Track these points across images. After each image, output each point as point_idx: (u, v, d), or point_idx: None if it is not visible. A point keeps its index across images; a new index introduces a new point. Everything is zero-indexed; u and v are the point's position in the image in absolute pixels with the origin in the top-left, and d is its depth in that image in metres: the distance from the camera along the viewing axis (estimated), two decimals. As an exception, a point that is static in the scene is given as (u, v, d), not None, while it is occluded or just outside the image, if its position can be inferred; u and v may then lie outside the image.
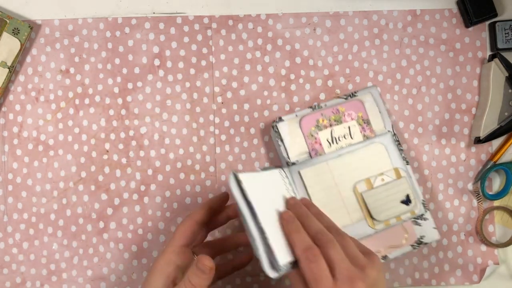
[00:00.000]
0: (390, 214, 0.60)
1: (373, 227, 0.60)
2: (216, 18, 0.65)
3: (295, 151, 0.62)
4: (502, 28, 0.64)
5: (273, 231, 0.50)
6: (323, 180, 0.60)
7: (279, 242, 0.50)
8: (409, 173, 0.62)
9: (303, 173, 0.60)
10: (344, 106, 0.63)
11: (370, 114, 0.63)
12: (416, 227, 0.61)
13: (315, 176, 0.60)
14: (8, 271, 0.64)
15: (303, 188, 0.60)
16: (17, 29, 0.62)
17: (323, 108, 0.63)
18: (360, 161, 0.61)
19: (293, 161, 0.61)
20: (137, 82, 0.65)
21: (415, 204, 0.60)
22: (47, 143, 0.64)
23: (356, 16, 0.66)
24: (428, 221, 0.61)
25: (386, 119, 0.63)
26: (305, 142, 0.62)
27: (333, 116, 0.62)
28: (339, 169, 0.61)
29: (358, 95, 0.63)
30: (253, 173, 0.53)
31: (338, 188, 0.60)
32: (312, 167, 0.60)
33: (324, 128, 0.62)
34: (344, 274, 0.47)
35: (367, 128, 0.62)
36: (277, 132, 0.62)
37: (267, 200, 0.53)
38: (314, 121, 0.62)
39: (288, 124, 0.62)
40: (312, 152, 0.62)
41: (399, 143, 0.62)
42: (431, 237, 0.61)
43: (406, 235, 0.61)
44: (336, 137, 0.62)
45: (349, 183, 0.60)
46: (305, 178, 0.60)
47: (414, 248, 0.61)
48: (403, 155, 0.62)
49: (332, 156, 0.61)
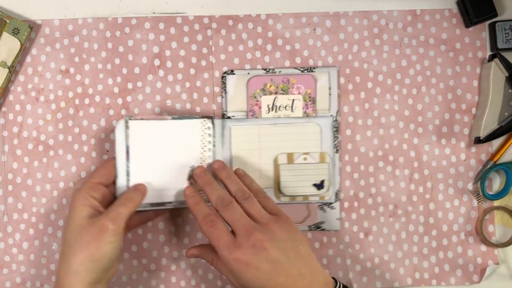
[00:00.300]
0: (297, 192, 0.63)
1: (278, 198, 0.63)
2: (216, 18, 0.65)
3: (234, 107, 0.63)
4: (502, 28, 0.64)
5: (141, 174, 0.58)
6: (250, 141, 0.63)
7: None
8: (334, 161, 0.63)
9: (233, 130, 0.62)
10: (296, 78, 0.64)
11: (319, 93, 0.64)
12: (320, 212, 0.63)
13: (243, 136, 0.63)
14: (8, 271, 0.64)
15: (228, 143, 0.62)
16: (17, 29, 0.62)
17: (276, 74, 0.63)
18: (291, 135, 0.63)
19: (229, 115, 0.63)
20: (137, 82, 0.65)
21: (327, 190, 0.62)
22: (47, 143, 0.64)
23: (356, 16, 0.66)
24: (334, 211, 0.63)
25: (333, 102, 0.64)
26: (246, 101, 0.63)
27: (281, 85, 0.63)
28: (269, 136, 0.63)
29: (315, 71, 0.64)
30: (151, 122, 0.59)
31: (260, 153, 0.63)
32: (244, 126, 0.63)
33: (269, 94, 0.63)
34: (242, 229, 0.52)
35: (311, 106, 0.63)
36: (223, 84, 0.63)
37: (158, 148, 0.59)
38: (262, 84, 0.63)
39: (237, 78, 0.63)
40: (249, 112, 0.63)
41: (336, 131, 0.63)
42: (330, 226, 0.64)
43: (306, 215, 0.63)
44: (277, 105, 0.63)
45: (272, 151, 0.63)
46: (233, 136, 0.62)
47: (310, 229, 0.63)
48: (336, 143, 0.63)
49: (267, 122, 0.63)
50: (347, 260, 0.64)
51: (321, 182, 0.63)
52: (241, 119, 0.63)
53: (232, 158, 0.63)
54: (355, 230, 0.65)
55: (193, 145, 0.61)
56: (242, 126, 0.63)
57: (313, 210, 0.63)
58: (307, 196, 0.63)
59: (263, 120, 0.63)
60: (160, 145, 0.60)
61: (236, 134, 0.63)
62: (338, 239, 0.64)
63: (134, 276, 0.64)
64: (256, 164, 0.63)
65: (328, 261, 0.64)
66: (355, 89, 0.65)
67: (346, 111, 0.65)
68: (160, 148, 0.60)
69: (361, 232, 0.65)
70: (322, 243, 0.64)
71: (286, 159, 0.63)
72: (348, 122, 0.65)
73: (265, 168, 0.63)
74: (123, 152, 0.58)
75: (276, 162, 0.63)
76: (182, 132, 0.60)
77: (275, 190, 0.63)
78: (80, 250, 0.52)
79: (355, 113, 0.65)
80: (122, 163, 0.58)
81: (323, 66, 0.64)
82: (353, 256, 0.64)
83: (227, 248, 0.52)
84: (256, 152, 0.63)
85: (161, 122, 0.60)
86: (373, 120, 0.65)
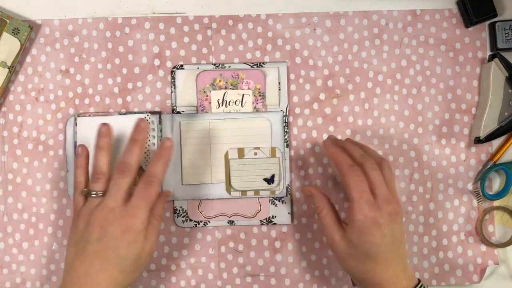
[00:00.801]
0: (248, 186, 0.63)
1: (229, 193, 0.64)
2: (216, 18, 0.65)
3: (184, 102, 0.64)
4: (502, 28, 0.64)
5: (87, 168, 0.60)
6: (199, 136, 0.63)
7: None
8: (284, 155, 0.64)
9: (183, 125, 0.63)
10: (246, 73, 0.64)
11: (269, 88, 0.64)
12: (272, 206, 0.64)
13: (193, 131, 0.63)
14: (8, 271, 0.64)
15: (178, 138, 0.63)
16: (17, 29, 0.62)
17: (225, 68, 0.64)
18: (241, 130, 0.63)
19: (178, 110, 0.63)
20: (137, 82, 0.65)
21: (277, 185, 0.63)
22: (47, 143, 0.64)
23: (356, 16, 0.66)
24: (286, 205, 0.64)
25: (283, 97, 0.64)
26: (195, 96, 0.63)
27: (231, 80, 0.64)
28: (219, 131, 0.63)
29: (265, 66, 0.64)
30: (97, 118, 0.62)
31: (211, 148, 0.63)
32: (194, 121, 0.63)
33: (219, 89, 0.64)
34: (384, 194, 0.53)
35: (261, 101, 0.64)
36: (173, 78, 0.63)
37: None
38: (211, 79, 0.64)
39: (186, 73, 0.64)
40: (199, 107, 0.64)
41: (287, 125, 0.64)
42: (282, 220, 0.64)
43: (258, 210, 0.63)
44: (227, 100, 0.64)
45: (222, 146, 0.63)
46: (183, 131, 0.63)
47: (262, 224, 0.64)
48: (286, 137, 0.63)
49: (216, 117, 0.63)
50: (347, 260, 0.64)
51: (272, 177, 0.63)
52: (191, 114, 0.63)
53: (182, 153, 0.63)
54: (355, 230, 0.65)
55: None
56: (192, 121, 0.63)
57: (265, 204, 0.64)
58: (258, 191, 0.63)
59: (213, 115, 0.64)
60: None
61: (186, 129, 0.63)
62: (338, 239, 0.64)
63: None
64: (206, 159, 0.63)
65: (328, 261, 0.64)
66: (355, 89, 0.65)
67: (346, 111, 0.65)
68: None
69: (361, 232, 0.65)
70: (322, 243, 0.64)
71: (236, 154, 0.63)
72: (348, 122, 0.65)
73: (215, 163, 0.64)
74: (71, 148, 0.62)
75: (227, 157, 0.63)
76: (127, 126, 0.61)
77: (226, 185, 0.63)
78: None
79: (355, 113, 0.65)
80: (71, 158, 0.62)
81: (272, 62, 0.65)
82: (353, 256, 0.64)
83: (368, 204, 0.52)
84: (206, 147, 0.63)
85: (107, 118, 0.62)
86: (373, 120, 0.65)
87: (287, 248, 0.64)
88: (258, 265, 0.64)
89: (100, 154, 0.58)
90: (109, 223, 0.53)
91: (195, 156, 0.63)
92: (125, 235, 0.53)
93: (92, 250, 0.53)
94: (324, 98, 0.65)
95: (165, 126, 0.63)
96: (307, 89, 0.65)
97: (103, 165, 0.57)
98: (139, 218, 0.54)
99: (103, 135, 0.59)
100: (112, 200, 0.54)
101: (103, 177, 0.57)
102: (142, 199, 0.54)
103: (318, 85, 0.65)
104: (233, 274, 0.64)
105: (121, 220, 0.53)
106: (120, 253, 0.53)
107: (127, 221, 0.53)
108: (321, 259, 0.64)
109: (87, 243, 0.53)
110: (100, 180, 0.56)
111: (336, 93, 0.65)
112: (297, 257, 0.64)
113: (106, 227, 0.53)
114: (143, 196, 0.54)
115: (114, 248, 0.52)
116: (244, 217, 0.64)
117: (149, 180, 0.55)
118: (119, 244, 0.53)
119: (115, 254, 0.52)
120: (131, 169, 0.55)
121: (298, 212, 0.64)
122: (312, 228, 0.64)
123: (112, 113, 0.63)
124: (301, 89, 0.65)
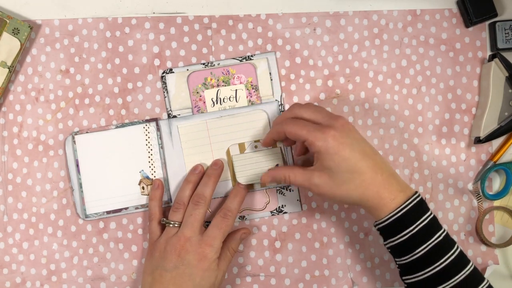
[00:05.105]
0: (254, 179, 0.62)
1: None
2: (216, 18, 0.65)
3: (178, 105, 0.64)
4: (502, 28, 0.64)
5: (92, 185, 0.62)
6: (199, 137, 0.63)
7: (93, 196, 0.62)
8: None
9: (181, 127, 0.63)
10: (236, 68, 0.64)
11: (261, 80, 0.64)
12: (280, 196, 0.64)
13: (192, 133, 0.63)
14: (8, 271, 0.64)
15: (178, 142, 0.63)
16: (17, 29, 0.62)
17: (215, 66, 0.64)
18: (239, 125, 0.63)
19: (174, 114, 0.63)
20: (137, 82, 0.65)
21: None
22: (47, 143, 0.64)
23: (356, 16, 0.66)
24: (293, 193, 0.64)
25: (276, 87, 0.64)
26: (189, 98, 0.64)
27: (222, 77, 0.64)
28: (217, 129, 0.63)
29: (253, 59, 0.64)
30: (95, 134, 0.63)
31: (212, 147, 0.63)
32: (191, 123, 0.63)
33: (211, 87, 0.64)
34: (327, 116, 0.55)
35: (254, 94, 0.64)
36: (164, 83, 0.63)
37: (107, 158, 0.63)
38: (202, 79, 0.64)
39: (176, 76, 0.64)
40: (194, 108, 0.64)
41: None
42: (292, 208, 0.64)
43: (267, 201, 0.63)
44: (221, 98, 0.64)
45: (223, 144, 0.63)
46: (182, 133, 0.63)
47: (272, 214, 0.64)
48: None
49: (213, 116, 0.63)
50: (347, 260, 0.64)
51: (276, 167, 0.63)
52: (187, 117, 0.63)
53: (184, 156, 0.63)
54: (355, 230, 0.65)
55: (139, 149, 0.63)
56: (189, 123, 0.63)
57: (273, 195, 0.64)
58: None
59: (209, 114, 0.64)
60: (108, 154, 0.63)
61: (184, 131, 0.63)
62: (338, 239, 0.64)
63: (134, 276, 0.64)
64: (209, 159, 0.63)
65: (328, 261, 0.64)
66: (355, 89, 0.65)
67: (346, 111, 0.65)
68: (108, 157, 0.63)
69: (361, 232, 0.65)
70: (322, 243, 0.64)
71: (238, 150, 0.63)
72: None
73: None
74: (73, 166, 0.63)
75: (229, 154, 0.63)
76: (127, 139, 0.63)
77: (232, 181, 0.64)
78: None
79: (355, 113, 0.65)
80: (74, 176, 0.63)
81: (261, 53, 0.65)
82: (353, 256, 0.64)
83: (319, 130, 0.53)
84: (207, 147, 0.63)
85: (105, 133, 0.63)
86: (373, 120, 0.65)
87: (287, 248, 0.64)
88: (258, 265, 0.64)
89: (187, 187, 0.61)
90: (186, 251, 0.56)
91: (198, 157, 0.63)
92: (200, 263, 0.56)
93: (170, 278, 0.55)
94: (324, 98, 0.65)
95: (163, 132, 0.63)
96: (307, 89, 0.65)
97: (186, 196, 0.60)
98: (214, 248, 0.57)
99: (196, 173, 0.62)
100: (189, 230, 0.57)
101: (183, 208, 0.59)
102: (218, 230, 0.58)
103: (318, 85, 0.65)
104: (233, 274, 0.64)
105: (198, 248, 0.56)
106: (196, 281, 0.55)
107: (203, 249, 0.56)
108: (321, 259, 0.64)
109: (164, 271, 0.55)
110: (180, 210, 0.59)
111: (336, 93, 0.65)
112: (297, 257, 0.64)
113: (184, 255, 0.56)
114: (219, 228, 0.58)
115: (190, 276, 0.55)
116: (255, 210, 0.64)
117: (226, 214, 0.59)
118: (195, 272, 0.55)
119: (191, 282, 0.55)
120: (206, 201, 0.59)
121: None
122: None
123: (108, 127, 0.63)
124: (301, 89, 0.65)
